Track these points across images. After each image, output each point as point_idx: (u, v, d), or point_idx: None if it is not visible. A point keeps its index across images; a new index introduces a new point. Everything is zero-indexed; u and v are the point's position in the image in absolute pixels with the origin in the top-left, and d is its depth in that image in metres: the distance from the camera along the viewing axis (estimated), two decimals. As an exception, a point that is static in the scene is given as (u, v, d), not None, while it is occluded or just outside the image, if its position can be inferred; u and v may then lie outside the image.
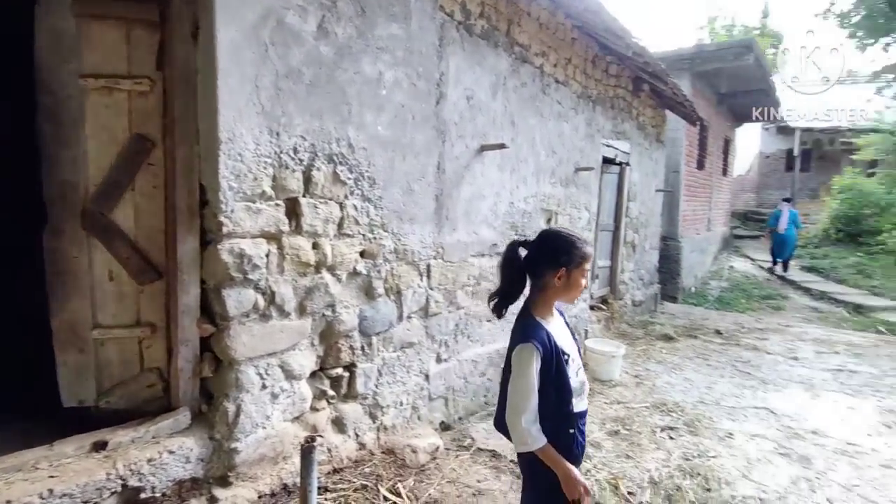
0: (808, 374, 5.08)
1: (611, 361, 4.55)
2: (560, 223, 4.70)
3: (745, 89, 10.26)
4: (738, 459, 3.26)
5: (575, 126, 4.78)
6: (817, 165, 18.11)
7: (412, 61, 2.88)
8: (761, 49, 9.32)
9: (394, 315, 2.95)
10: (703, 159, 10.34)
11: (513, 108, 3.83)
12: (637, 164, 6.61)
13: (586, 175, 5.10)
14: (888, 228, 11.16)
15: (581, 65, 4.82)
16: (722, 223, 13.29)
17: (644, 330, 6.45)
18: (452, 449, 3.17)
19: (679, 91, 6.32)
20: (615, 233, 6.44)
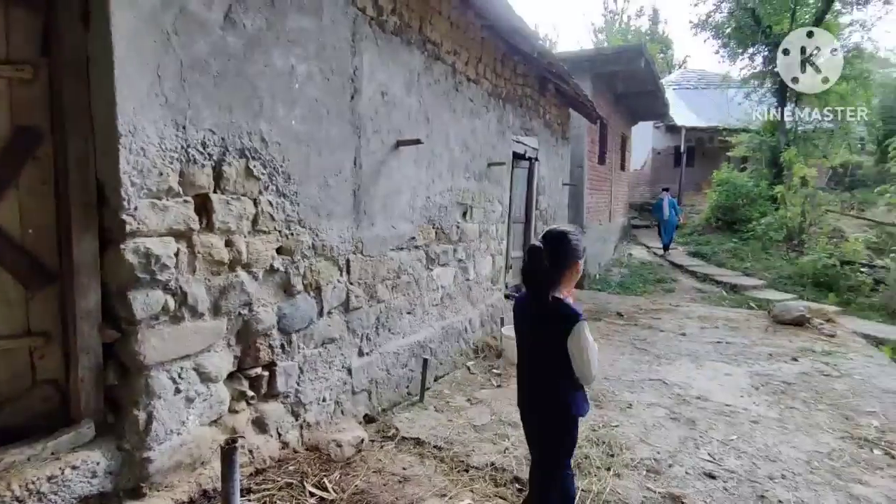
0: (694, 348, 5.72)
1: (525, 346, 4.82)
2: (475, 217, 4.89)
3: (638, 91, 11.19)
4: (636, 427, 3.63)
5: (487, 123, 4.97)
6: (700, 161, 20.17)
7: (325, 55, 2.86)
8: (651, 54, 10.21)
9: (314, 311, 2.94)
10: (604, 155, 11.14)
11: (427, 104, 3.92)
12: (545, 160, 7.00)
13: (498, 170, 5.33)
14: (756, 217, 12.74)
15: (491, 64, 5.01)
16: (621, 214, 14.41)
17: (555, 315, 6.87)
18: (377, 440, 3.22)
19: (580, 91, 6.78)
20: (526, 225, 6.78)
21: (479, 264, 5.08)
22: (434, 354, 4.25)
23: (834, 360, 5.40)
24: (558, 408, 2.00)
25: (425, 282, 4.13)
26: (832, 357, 5.52)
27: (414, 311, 4.01)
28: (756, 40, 13.86)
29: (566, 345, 1.89)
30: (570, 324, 1.87)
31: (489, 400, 4.01)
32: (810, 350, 5.76)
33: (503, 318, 5.60)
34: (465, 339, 4.82)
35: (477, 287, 5.08)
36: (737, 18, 13.90)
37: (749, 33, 13.80)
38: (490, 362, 4.91)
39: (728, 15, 14.13)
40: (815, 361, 5.36)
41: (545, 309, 1.97)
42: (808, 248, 11.02)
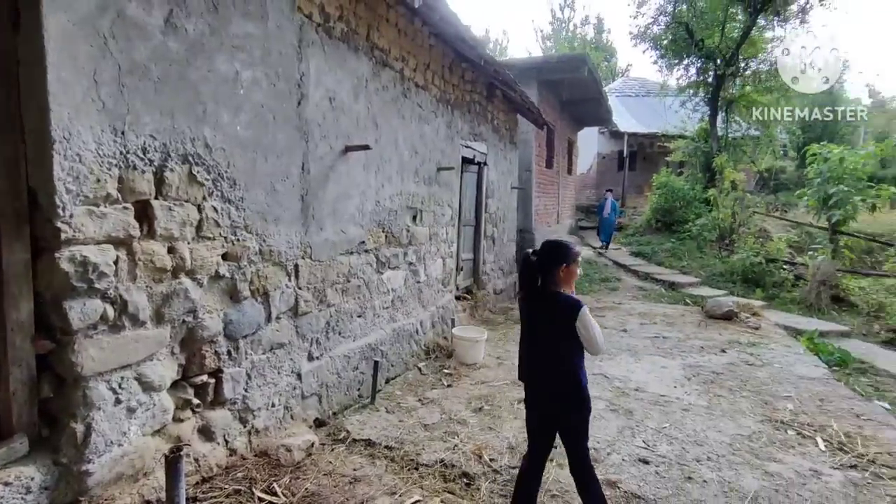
0: (634, 343, 6.04)
1: (475, 346, 4.95)
2: (425, 220, 4.98)
3: (583, 98, 11.64)
4: (579, 419, 3.82)
5: (436, 128, 5.08)
6: (642, 165, 21.16)
7: (271, 61, 2.87)
8: (594, 63, 10.66)
9: (261, 317, 2.93)
10: (552, 159, 11.52)
11: (375, 109, 3.98)
12: (494, 164, 7.19)
13: (448, 174, 5.44)
14: (692, 219, 13.50)
15: (439, 70, 5.12)
16: (569, 216, 14.91)
17: (505, 315, 7.07)
18: (328, 443, 3.25)
19: (527, 98, 7.02)
20: (476, 227, 6.94)
21: (429, 267, 5.17)
22: (385, 357, 4.31)
23: (757, 351, 5.86)
24: (570, 378, 2.36)
25: (376, 285, 4.18)
26: (756, 348, 5.99)
27: (364, 315, 4.05)
28: (690, 52, 14.70)
29: (574, 327, 2.30)
30: (575, 311, 2.30)
31: (440, 399, 4.11)
32: (737, 342, 6.22)
33: (454, 319, 5.71)
34: (416, 341, 4.90)
35: (428, 289, 5.17)
36: (672, 31, 14.71)
37: (684, 45, 14.63)
38: (441, 363, 5.00)
39: (664, 28, 14.93)
40: (741, 352, 5.79)
41: (547, 302, 2.40)
42: (738, 247, 11.79)
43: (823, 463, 3.34)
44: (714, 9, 13.74)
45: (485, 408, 3.94)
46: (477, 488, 2.84)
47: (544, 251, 2.44)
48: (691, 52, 14.61)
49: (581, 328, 2.29)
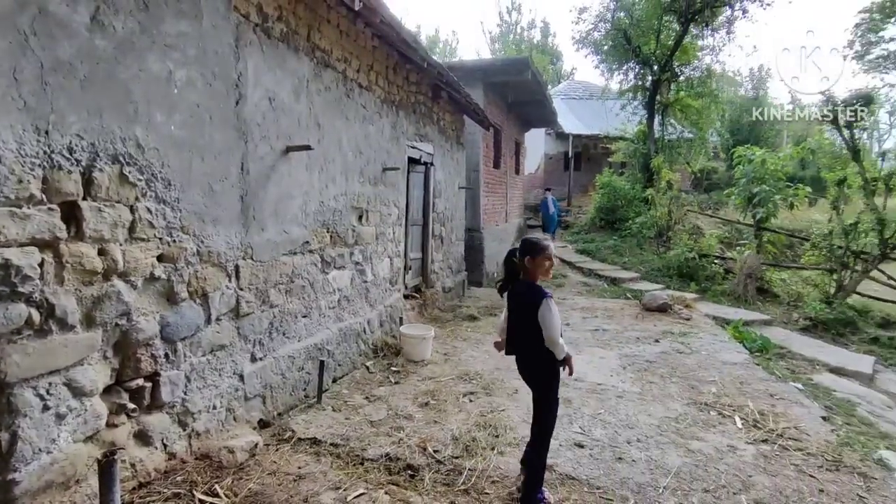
0: (576, 336, 6.32)
1: (422, 343, 5.04)
2: (371, 220, 5.02)
3: (529, 100, 11.97)
4: (521, 409, 3.99)
5: (380, 128, 5.13)
6: (587, 165, 21.95)
7: (206, 61, 2.84)
8: (537, 67, 10.99)
9: (201, 319, 2.90)
10: (499, 160, 11.78)
11: (318, 110, 3.99)
12: (441, 164, 7.31)
13: (394, 174, 5.50)
14: (632, 217, 14.18)
15: (383, 71, 5.18)
16: (517, 215, 15.27)
17: (453, 313, 7.20)
18: (273, 444, 3.25)
19: (471, 99, 7.18)
20: (424, 227, 7.04)
21: (376, 266, 5.22)
22: (332, 356, 4.32)
23: (688, 340, 6.27)
24: (541, 359, 2.73)
25: (321, 285, 4.19)
26: (686, 337, 6.41)
27: (310, 315, 4.05)
28: (629, 58, 15.43)
29: (537, 314, 2.61)
30: (538, 299, 2.62)
31: (387, 397, 4.17)
32: (670, 332, 6.63)
33: (402, 317, 5.78)
34: (363, 340, 4.94)
35: (375, 288, 5.22)
36: (612, 38, 15.38)
37: (623, 51, 15.33)
38: (389, 360, 5.06)
39: (605, 34, 15.58)
40: (672, 342, 6.18)
41: (520, 290, 2.79)
42: (674, 243, 12.50)
43: (739, 439, 3.65)
44: (650, 17, 14.47)
45: (431, 402, 4.04)
46: (421, 479, 2.93)
47: (522, 244, 2.85)
48: (629, 57, 15.33)
49: (540, 317, 2.62)
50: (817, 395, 5.69)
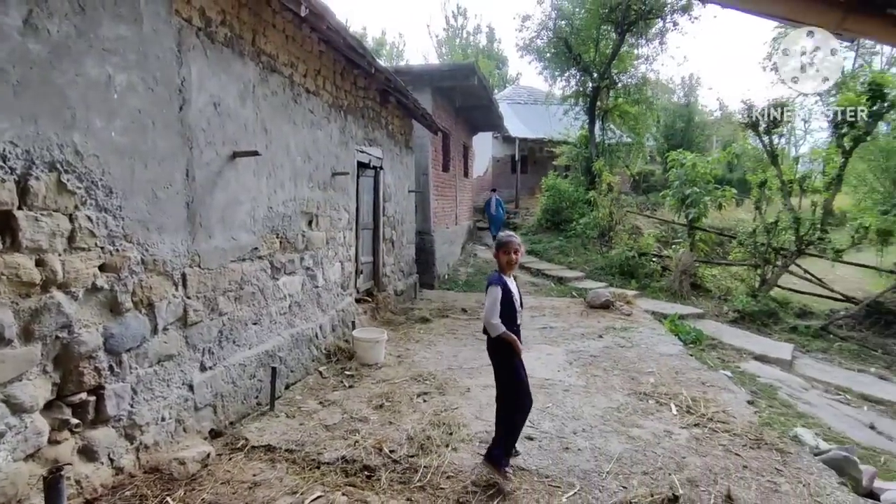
0: (525, 334, 6.44)
1: (375, 347, 5.08)
2: (321, 225, 5.01)
3: (475, 105, 12.22)
4: (473, 407, 4.12)
5: (329, 133, 5.13)
6: (533, 168, 22.57)
7: (147, 65, 2.78)
8: (483, 72, 11.26)
9: (146, 329, 2.83)
10: (448, 163, 11.95)
11: (265, 115, 3.96)
12: (390, 168, 7.36)
13: (343, 179, 5.51)
14: (577, 218, 14.74)
15: (330, 76, 5.19)
16: (467, 218, 15.52)
17: (406, 316, 7.26)
18: (226, 453, 3.20)
19: (419, 105, 7.28)
20: (375, 231, 7.06)
21: (327, 271, 5.21)
22: (284, 363, 4.29)
23: (628, 335, 6.63)
24: (489, 337, 3.17)
25: (271, 291, 4.15)
26: (627, 332, 6.77)
27: (260, 322, 4.00)
28: (570, 65, 16.04)
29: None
30: (486, 286, 3.14)
31: (341, 401, 4.18)
32: (612, 328, 6.98)
33: (354, 321, 5.79)
34: (316, 345, 4.91)
35: (327, 293, 5.20)
36: (554, 45, 15.95)
37: (564, 59, 15.92)
38: (343, 365, 5.06)
39: (547, 42, 16.13)
40: (615, 337, 6.52)
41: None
42: (616, 243, 13.12)
43: (675, 424, 3.94)
44: (589, 27, 15.12)
45: (385, 404, 4.09)
46: (378, 479, 2.98)
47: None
48: (571, 65, 15.94)
49: (484, 299, 3.14)
50: (744, 382, 6.19)
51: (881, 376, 8.43)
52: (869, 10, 1.68)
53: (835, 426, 5.34)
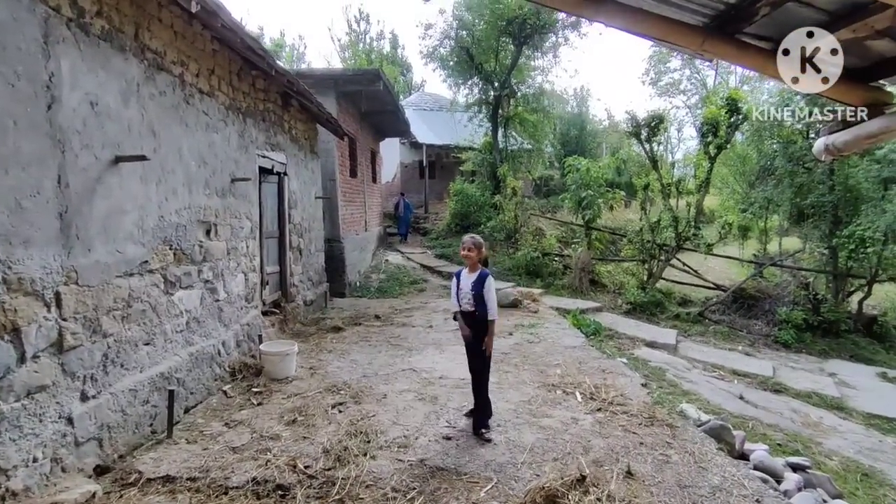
0: (439, 337, 6.62)
1: (285, 360, 4.86)
2: (221, 234, 4.71)
3: (381, 110, 12.18)
4: (390, 413, 4.09)
5: (226, 137, 4.84)
6: (441, 174, 22.96)
7: (7, 58, 2.45)
8: (388, 77, 11.26)
9: (11, 358, 2.47)
10: (355, 168, 11.78)
11: (152, 116, 3.65)
12: (295, 174, 7.10)
13: (244, 185, 5.23)
14: (484, 221, 15.23)
15: (226, 77, 4.90)
16: (377, 224, 15.40)
17: (317, 326, 7.03)
18: (115, 490, 2.89)
19: (323, 109, 7.11)
20: (281, 239, 6.77)
21: (229, 284, 4.90)
22: (182, 384, 3.95)
23: (536, 331, 6.97)
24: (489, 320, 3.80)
25: (165, 307, 3.81)
26: (535, 328, 7.11)
27: (153, 342, 3.66)
28: (472, 74, 16.56)
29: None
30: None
31: (249, 419, 3.95)
32: (521, 325, 7.29)
33: (261, 335, 5.49)
34: (219, 363, 4.59)
35: (229, 307, 4.89)
36: (456, 54, 16.37)
37: (467, 67, 16.40)
38: (250, 382, 4.78)
39: (450, 50, 16.52)
40: (524, 333, 6.82)
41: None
42: (521, 244, 13.72)
43: (580, 411, 4.20)
44: (489, 38, 15.72)
45: (298, 419, 3.93)
46: (293, 497, 2.86)
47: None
48: (473, 73, 16.46)
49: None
50: (638, 367, 6.75)
51: (747, 353, 9.65)
52: (722, 35, 1.94)
53: (713, 400, 6.00)
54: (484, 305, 3.68)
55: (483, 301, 3.68)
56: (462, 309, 3.79)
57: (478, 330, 3.77)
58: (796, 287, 11.80)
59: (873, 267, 11.18)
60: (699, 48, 1.96)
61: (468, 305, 3.74)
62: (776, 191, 12.56)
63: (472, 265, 3.79)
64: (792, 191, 12.27)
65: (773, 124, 12.69)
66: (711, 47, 1.93)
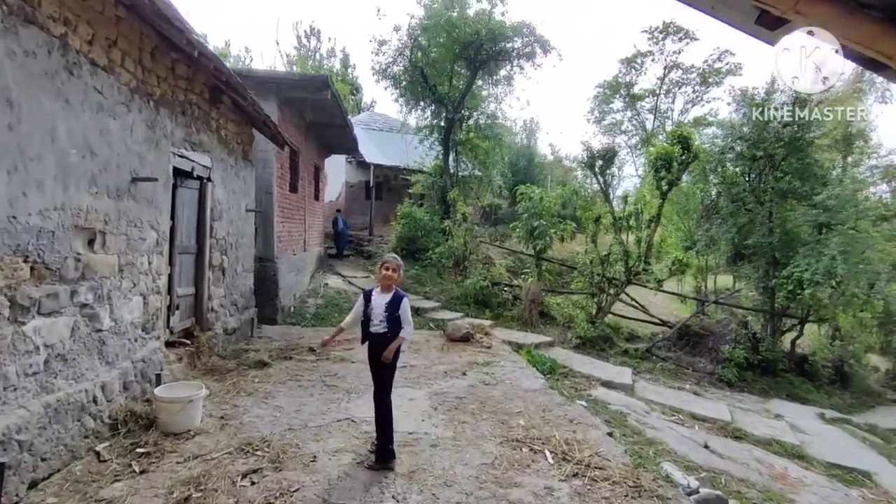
0: (382, 375, 5.75)
1: (186, 408, 3.82)
2: (111, 246, 3.69)
3: (329, 122, 11.35)
4: (320, 484, 3.19)
5: (128, 125, 3.87)
6: (388, 195, 22.17)
7: None
8: (338, 89, 10.49)
9: None
10: (296, 183, 10.79)
11: (10, 81, 2.68)
12: (223, 181, 6.11)
13: (150, 187, 4.24)
14: (432, 247, 14.54)
15: (135, 54, 3.97)
16: (317, 244, 14.31)
17: (238, 360, 5.94)
18: None
19: (261, 110, 6.21)
20: (200, 256, 5.72)
21: (119, 308, 3.85)
22: (29, 449, 2.87)
23: (492, 370, 6.25)
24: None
25: (10, 342, 2.76)
26: (490, 367, 6.40)
27: (-16, 391, 2.60)
28: (426, 95, 16.09)
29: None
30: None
31: (124, 497, 2.91)
32: (475, 363, 6.56)
33: (161, 373, 4.41)
34: (92, 415, 3.50)
35: (116, 339, 3.83)
36: (410, 74, 15.87)
37: (421, 88, 15.92)
38: (136, 438, 3.69)
39: (403, 69, 16.01)
40: (478, 373, 6.08)
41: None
42: (470, 272, 13.12)
43: (553, 477, 3.49)
44: (444, 59, 15.37)
45: (193, 496, 2.94)
46: None
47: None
48: (427, 94, 16.00)
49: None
50: (598, 411, 6.19)
51: (695, 392, 9.43)
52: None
53: (679, 450, 5.51)
54: (398, 326, 3.59)
55: (398, 322, 3.58)
56: (372, 331, 3.60)
57: (384, 348, 3.63)
58: (737, 325, 11.92)
59: (806, 308, 11.50)
60: (792, 8, 1.36)
61: (381, 327, 3.57)
62: (721, 229, 12.77)
63: (387, 286, 3.66)
64: (734, 231, 12.53)
65: (718, 164, 13.03)
66: (807, 7, 1.34)
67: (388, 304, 3.57)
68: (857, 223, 10.53)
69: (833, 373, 12.01)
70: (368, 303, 3.60)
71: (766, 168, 12.25)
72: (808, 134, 11.76)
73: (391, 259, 3.70)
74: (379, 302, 3.58)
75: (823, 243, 10.79)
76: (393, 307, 3.57)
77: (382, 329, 3.56)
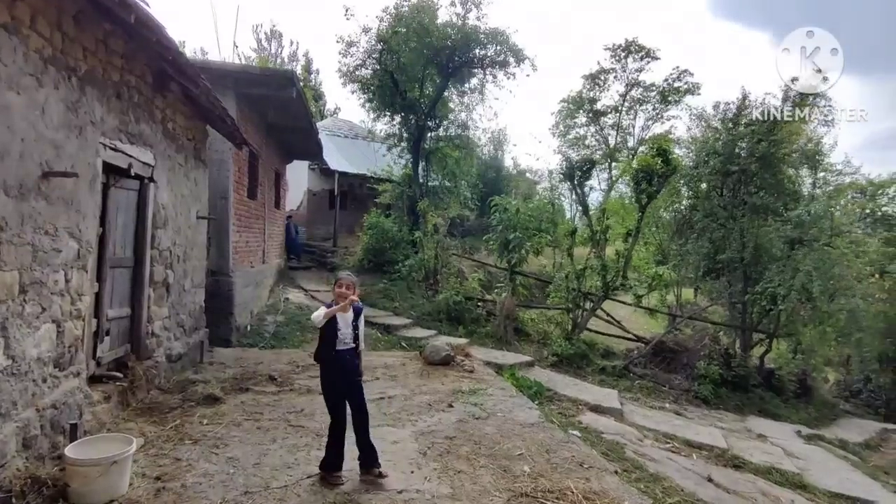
0: (357, 410, 4.95)
1: (110, 472, 2.93)
2: (8, 258, 2.79)
3: (292, 125, 10.48)
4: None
5: (38, 103, 3.01)
6: (353, 205, 21.20)
7: None
8: (302, 88, 9.66)
9: None
10: (255, 189, 9.85)
11: None
12: (168, 183, 5.21)
13: (70, 185, 3.35)
14: (401, 259, 13.75)
15: (51, 15, 3.11)
16: (277, 255, 13.28)
17: (183, 394, 4.99)
18: None
19: (217, 102, 5.36)
20: (138, 270, 4.79)
21: (20, 341, 2.94)
22: None
23: (480, 400, 5.55)
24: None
25: None
26: (478, 396, 5.70)
27: None
28: (396, 100, 15.39)
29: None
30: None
31: None
32: (460, 391, 5.85)
33: (77, 423, 3.46)
34: (-28, 490, 2.59)
35: (14, 382, 2.91)
36: (379, 77, 15.14)
37: (390, 93, 15.20)
38: (37, 515, 2.78)
39: (373, 73, 15.27)
40: (466, 404, 5.37)
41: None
42: (442, 286, 12.43)
43: (581, 548, 2.83)
44: (415, 65, 14.75)
45: None
46: None
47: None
48: (397, 99, 15.30)
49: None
50: (593, 442, 5.63)
51: (676, 412, 9.08)
52: None
53: (686, 486, 5.02)
54: (359, 339, 3.68)
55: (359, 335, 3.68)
56: (340, 349, 3.56)
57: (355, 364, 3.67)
58: (710, 341, 11.75)
59: (777, 323, 11.48)
60: None
61: (350, 341, 3.60)
62: (696, 245, 12.63)
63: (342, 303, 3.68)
64: (708, 246, 12.41)
65: (691, 178, 12.95)
66: None
67: (352, 319, 3.62)
68: (831, 239, 10.57)
69: (798, 386, 12.05)
70: (336, 322, 3.55)
71: (740, 183, 12.25)
72: (781, 151, 11.82)
73: (345, 276, 3.70)
74: (345, 320, 3.59)
75: (795, 259, 10.76)
76: (356, 320, 3.65)
77: (352, 344, 3.61)
